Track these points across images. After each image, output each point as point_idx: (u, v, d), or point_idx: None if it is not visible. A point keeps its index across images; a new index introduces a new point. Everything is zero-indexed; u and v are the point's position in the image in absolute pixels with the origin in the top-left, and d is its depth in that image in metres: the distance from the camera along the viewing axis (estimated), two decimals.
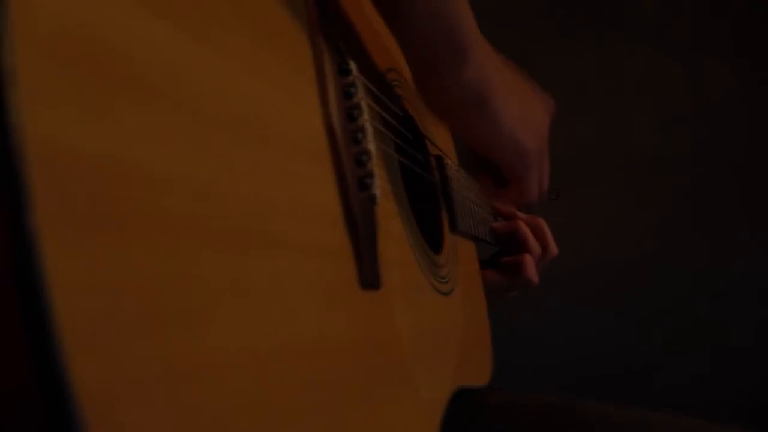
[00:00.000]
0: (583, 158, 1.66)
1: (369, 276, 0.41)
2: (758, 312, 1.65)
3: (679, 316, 1.66)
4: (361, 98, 0.43)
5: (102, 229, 0.22)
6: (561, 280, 1.57)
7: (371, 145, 0.42)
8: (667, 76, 1.69)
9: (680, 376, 1.66)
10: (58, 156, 0.21)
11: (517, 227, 0.75)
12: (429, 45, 0.43)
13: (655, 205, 1.68)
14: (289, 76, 0.38)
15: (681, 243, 1.66)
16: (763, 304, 1.64)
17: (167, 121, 0.27)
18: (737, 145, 1.67)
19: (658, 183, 1.69)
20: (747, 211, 1.66)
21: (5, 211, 0.19)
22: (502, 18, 1.55)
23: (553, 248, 0.78)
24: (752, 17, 1.68)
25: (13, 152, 0.19)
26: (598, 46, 1.69)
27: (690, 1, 1.68)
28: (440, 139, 0.68)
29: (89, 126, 0.22)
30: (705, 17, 1.68)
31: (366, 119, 0.43)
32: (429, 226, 0.58)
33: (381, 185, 0.44)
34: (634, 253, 1.66)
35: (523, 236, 0.75)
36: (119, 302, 0.22)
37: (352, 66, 0.43)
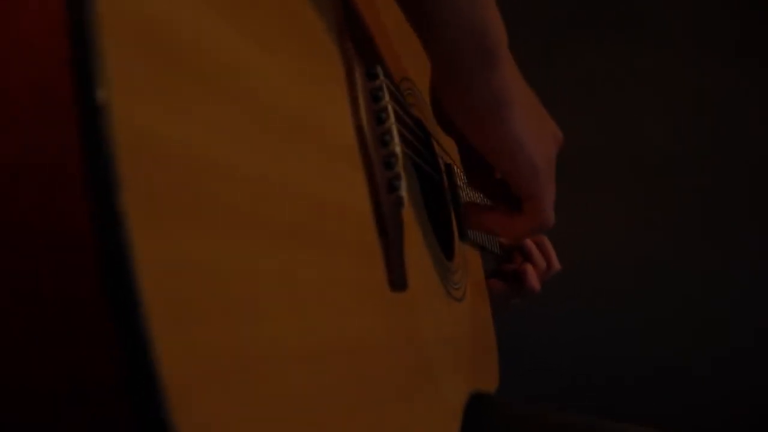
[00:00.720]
0: (589, 160, 1.68)
1: (398, 278, 0.42)
2: (761, 314, 1.66)
3: (683, 318, 1.67)
4: (388, 102, 0.44)
5: (182, 217, 0.22)
6: (565, 281, 1.58)
7: (398, 148, 0.43)
8: (676, 78, 1.71)
9: (681, 377, 1.67)
10: (144, 139, 0.21)
11: (529, 246, 0.78)
12: (459, 48, 0.44)
13: (661, 207, 1.70)
14: (325, 79, 0.39)
15: (686, 245, 1.68)
16: (765, 307, 1.66)
17: (233, 115, 0.27)
18: (745, 146, 1.69)
19: (663, 185, 1.71)
20: (754, 213, 1.68)
21: (96, 193, 0.19)
22: (513, 16, 1.56)
23: (556, 264, 0.81)
24: (761, 18, 1.70)
25: (102, 132, 0.20)
26: (607, 46, 1.70)
27: (699, 1, 1.70)
28: (448, 150, 0.69)
29: (173, 116, 0.23)
30: (714, 18, 1.70)
31: (392, 122, 0.43)
32: (441, 232, 0.59)
33: (405, 188, 0.44)
34: (638, 256, 1.68)
35: (529, 250, 0.78)
36: (196, 288, 0.22)
37: (379, 70, 0.44)
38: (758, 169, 1.69)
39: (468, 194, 0.66)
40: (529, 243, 0.80)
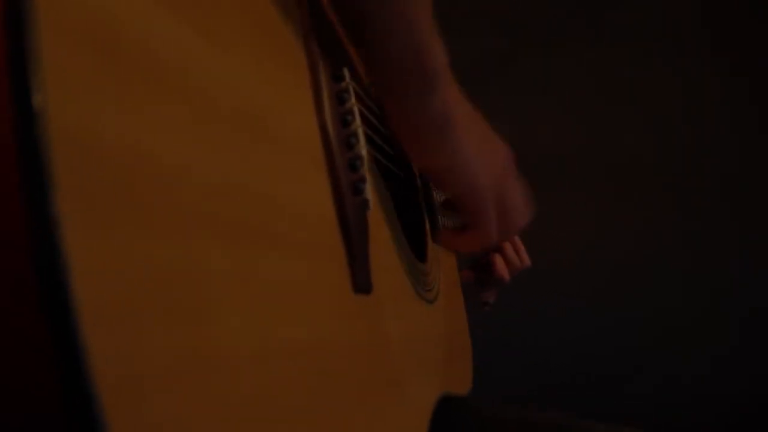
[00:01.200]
0: (573, 160, 1.68)
1: (362, 280, 0.41)
2: (761, 314, 1.66)
3: (677, 317, 1.67)
4: (354, 104, 0.43)
5: (122, 217, 0.22)
6: (557, 281, 1.59)
7: (364, 150, 0.42)
8: (659, 80, 1.70)
9: (680, 376, 1.67)
10: (81, 141, 0.21)
11: None
12: (396, 71, 0.43)
13: (651, 208, 1.69)
14: (288, 79, 0.38)
15: (675, 245, 1.68)
16: (759, 304, 1.66)
17: (181, 115, 0.27)
18: (728, 147, 1.68)
19: (652, 184, 1.70)
20: (741, 213, 1.67)
21: (29, 195, 0.19)
22: (496, 20, 1.56)
23: (526, 259, 0.82)
24: (734, 20, 1.70)
25: (38, 136, 0.19)
26: (590, 49, 1.70)
27: (681, 6, 1.70)
28: None
29: (113, 114, 0.22)
30: (687, 21, 1.70)
31: (358, 124, 0.43)
32: (413, 234, 0.59)
33: (371, 191, 0.44)
34: (628, 255, 1.67)
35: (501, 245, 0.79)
36: (136, 290, 0.22)
37: (345, 72, 0.43)
38: (743, 168, 1.69)
39: (441, 194, 0.66)
40: None
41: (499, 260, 0.78)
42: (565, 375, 1.65)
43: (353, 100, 0.43)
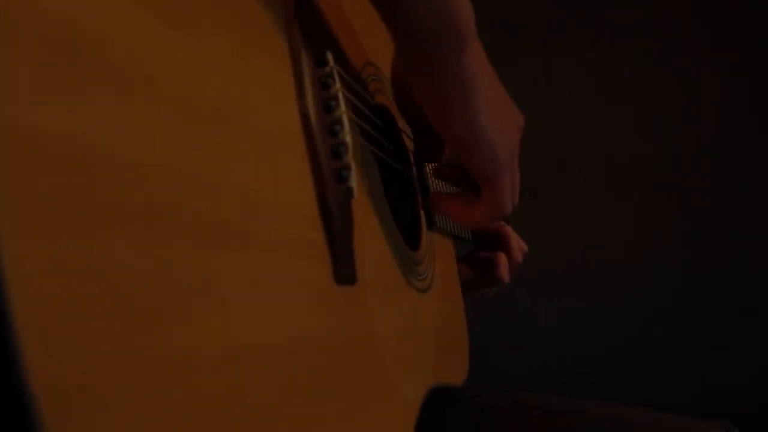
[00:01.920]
0: (573, 160, 1.67)
1: (344, 271, 0.41)
2: (758, 312, 1.65)
3: (677, 317, 1.66)
4: (339, 89, 0.43)
5: (66, 215, 0.21)
6: (557, 281, 1.58)
7: (348, 137, 0.42)
8: (659, 80, 1.70)
9: (679, 375, 1.66)
10: (18, 136, 0.20)
11: (501, 229, 0.78)
12: (426, 31, 0.43)
13: (651, 208, 1.69)
14: (266, 67, 0.37)
15: (675, 245, 1.67)
16: (759, 304, 1.65)
17: (141, 107, 0.26)
18: (728, 147, 1.68)
19: (652, 184, 1.70)
20: (741, 213, 1.66)
21: None
22: (496, 19, 1.55)
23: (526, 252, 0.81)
24: (734, 20, 1.69)
25: None
26: (590, 49, 1.70)
27: (681, 6, 1.69)
28: None
29: (55, 108, 0.22)
30: (686, 21, 1.70)
31: (343, 111, 0.42)
32: (406, 222, 0.58)
33: (357, 179, 0.43)
34: (628, 255, 1.67)
35: (507, 241, 0.77)
36: (81, 293, 0.21)
37: (329, 57, 0.43)
38: (742, 166, 1.68)
39: (437, 182, 0.65)
40: (508, 232, 0.79)
41: (503, 260, 0.76)
42: (565, 375, 1.65)
43: (338, 85, 0.43)
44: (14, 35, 0.21)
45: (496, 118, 0.49)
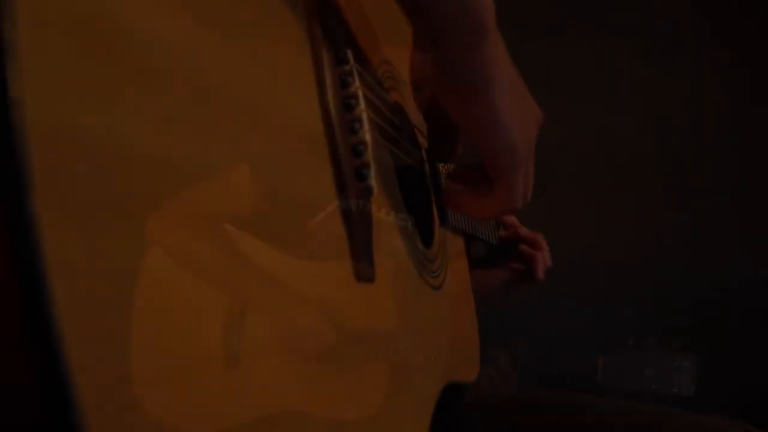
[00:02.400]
0: (573, 160, 1.68)
1: (365, 268, 0.41)
2: (758, 312, 1.66)
3: (677, 317, 1.67)
4: (358, 87, 0.43)
5: (109, 214, 0.22)
6: (557, 281, 1.58)
7: (368, 136, 0.42)
8: (659, 80, 1.70)
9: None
10: (59, 135, 0.20)
11: (535, 237, 0.83)
12: (450, 20, 0.43)
13: (651, 208, 1.70)
14: (289, 65, 0.38)
15: (675, 245, 1.68)
16: (759, 304, 1.66)
17: (173, 104, 0.26)
18: (728, 147, 1.68)
19: (652, 184, 1.70)
20: (741, 213, 1.67)
21: (4, 196, 0.19)
22: (495, 18, 1.55)
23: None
24: (732, 18, 1.70)
25: (13, 131, 0.19)
26: (589, 48, 1.70)
27: (682, 6, 1.70)
28: None
29: (93, 105, 0.22)
30: (685, 18, 1.70)
31: (363, 109, 0.42)
32: (420, 219, 0.58)
33: (375, 176, 0.43)
34: (628, 255, 1.67)
35: (540, 243, 0.81)
36: (120, 288, 0.21)
37: (350, 55, 0.43)
38: (744, 165, 1.69)
39: (448, 184, 0.65)
40: (540, 238, 0.83)
41: (540, 257, 0.79)
42: (565, 374, 1.65)
43: (357, 83, 0.43)
44: (52, 30, 0.21)
45: (516, 110, 0.49)
